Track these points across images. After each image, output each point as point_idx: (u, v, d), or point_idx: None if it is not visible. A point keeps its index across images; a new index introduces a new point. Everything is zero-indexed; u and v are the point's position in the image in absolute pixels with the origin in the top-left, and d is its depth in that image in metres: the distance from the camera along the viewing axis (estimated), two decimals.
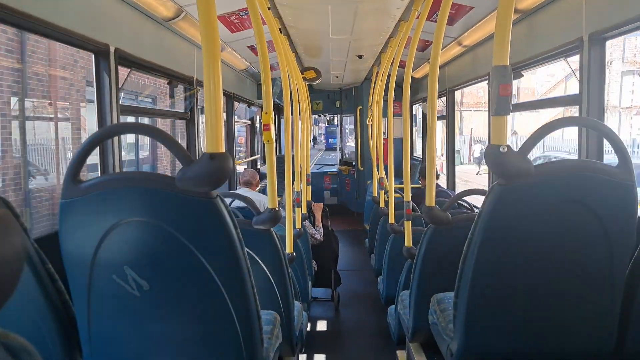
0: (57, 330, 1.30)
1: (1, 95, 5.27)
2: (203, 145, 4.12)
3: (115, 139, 2.45)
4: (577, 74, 2.33)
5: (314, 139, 32.27)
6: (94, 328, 1.31)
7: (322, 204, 4.42)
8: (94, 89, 2.45)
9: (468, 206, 3.48)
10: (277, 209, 2.11)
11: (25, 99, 5.61)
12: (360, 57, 5.22)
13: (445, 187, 4.88)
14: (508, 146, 1.31)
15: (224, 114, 5.09)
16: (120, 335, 1.33)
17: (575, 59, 2.37)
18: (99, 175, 2.43)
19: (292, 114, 3.32)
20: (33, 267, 1.23)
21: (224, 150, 1.22)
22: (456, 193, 3.53)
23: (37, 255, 1.25)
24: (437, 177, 4.91)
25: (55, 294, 1.29)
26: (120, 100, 2.54)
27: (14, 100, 5.44)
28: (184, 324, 1.30)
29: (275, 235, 2.10)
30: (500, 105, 1.31)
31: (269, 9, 2.73)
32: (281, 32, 3.39)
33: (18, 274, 0.42)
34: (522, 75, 3.02)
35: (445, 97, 4.89)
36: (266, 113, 2.16)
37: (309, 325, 3.25)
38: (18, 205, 5.33)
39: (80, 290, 1.27)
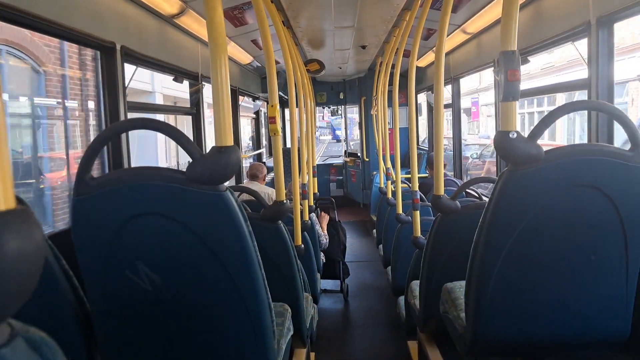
0: (73, 326, 1.32)
1: None
2: (209, 140, 4.13)
3: (123, 135, 2.46)
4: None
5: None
6: (109, 323, 1.33)
7: (327, 216, 4.33)
8: (102, 87, 2.46)
9: (476, 195, 3.46)
10: (284, 201, 2.12)
11: None
12: (363, 47, 5.19)
13: (453, 176, 4.86)
14: (517, 132, 1.31)
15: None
16: (135, 330, 1.34)
17: (584, 42, 2.35)
18: (109, 171, 2.45)
19: (297, 106, 3.31)
20: (47, 264, 1.25)
21: (232, 143, 1.23)
22: (464, 182, 3.52)
23: (51, 251, 1.27)
24: (444, 166, 4.89)
25: (70, 291, 1.31)
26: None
27: None
28: (196, 316, 1.31)
29: (283, 228, 2.10)
30: (509, 91, 1.30)
31: (271, 1, 2.72)
32: (284, 25, 3.37)
33: (40, 267, 0.43)
34: (529, 61, 2.99)
35: (450, 86, 4.86)
36: (272, 106, 2.16)
37: (319, 316, 3.27)
38: None
39: (95, 286, 1.28)
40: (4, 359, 0.38)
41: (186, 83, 3.75)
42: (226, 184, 1.26)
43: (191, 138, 3.99)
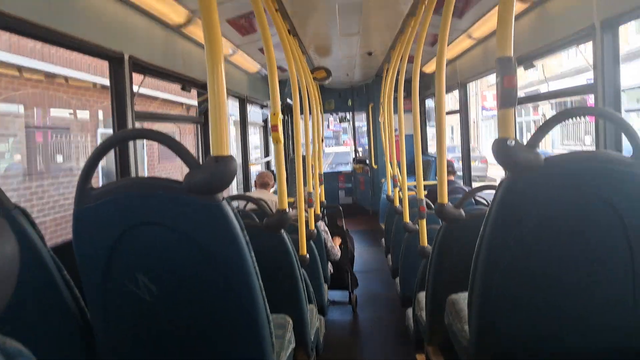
0: (74, 335, 1.33)
1: None
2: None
3: (131, 144, 2.50)
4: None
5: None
6: (109, 332, 1.34)
7: (339, 239, 4.23)
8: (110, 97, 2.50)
9: (486, 203, 3.42)
10: (286, 210, 2.11)
11: None
12: (370, 54, 5.20)
13: (462, 184, 4.81)
14: (516, 139, 1.29)
15: (237, 117, 5.13)
16: (134, 339, 1.35)
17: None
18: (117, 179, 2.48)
19: (302, 113, 3.32)
20: (49, 274, 1.27)
21: (229, 153, 1.23)
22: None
23: (54, 262, 1.29)
24: (453, 173, 4.84)
25: (72, 300, 1.32)
26: None
27: None
28: (195, 325, 1.31)
29: (286, 237, 2.09)
30: (506, 97, 1.29)
31: (276, 10, 2.75)
32: (290, 34, 3.40)
33: (11, 279, 0.43)
34: (534, 66, 2.96)
35: (458, 92, 4.84)
36: (274, 114, 2.17)
37: (326, 328, 3.24)
38: None
39: (94, 296, 1.30)
40: None
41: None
42: (234, 192, 1.27)
43: (199, 147, 4.01)
